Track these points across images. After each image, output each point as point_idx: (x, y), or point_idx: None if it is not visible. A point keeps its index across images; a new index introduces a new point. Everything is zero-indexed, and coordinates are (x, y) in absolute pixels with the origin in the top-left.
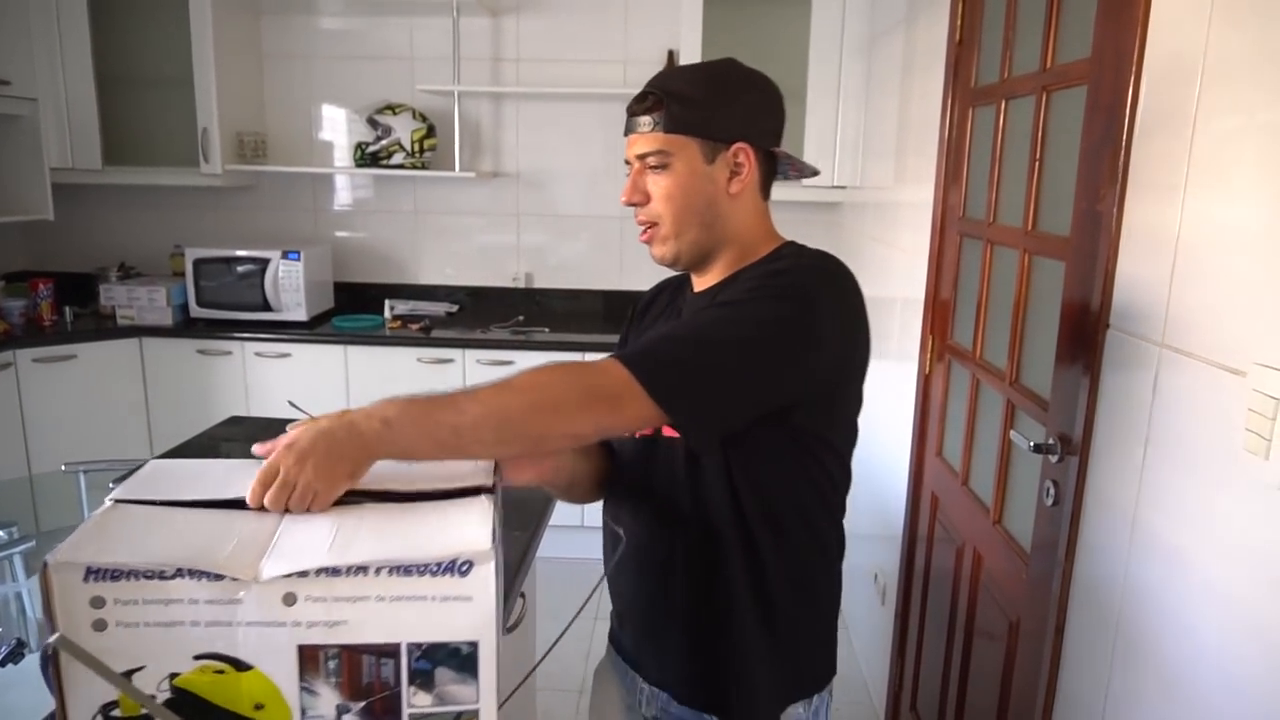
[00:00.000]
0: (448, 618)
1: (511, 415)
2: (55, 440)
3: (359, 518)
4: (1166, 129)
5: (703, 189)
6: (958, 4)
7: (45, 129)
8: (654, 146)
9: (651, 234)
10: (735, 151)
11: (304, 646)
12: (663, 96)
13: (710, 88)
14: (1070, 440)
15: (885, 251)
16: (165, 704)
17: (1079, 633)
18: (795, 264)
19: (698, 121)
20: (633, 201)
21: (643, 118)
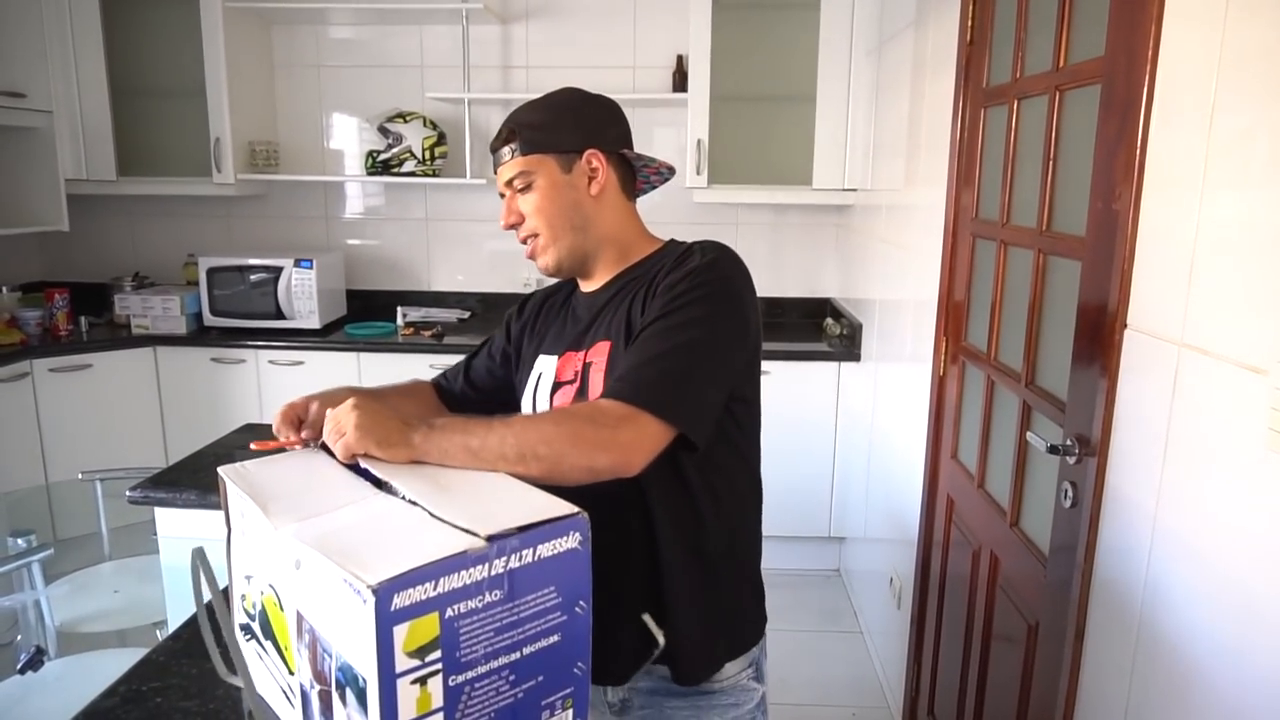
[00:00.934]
0: (352, 640)
1: (535, 435)
2: (71, 449)
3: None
4: (1183, 126)
5: (566, 196)
6: (968, 5)
7: (60, 141)
8: (516, 170)
9: (534, 246)
10: (587, 158)
11: (300, 613)
12: (515, 127)
13: (552, 110)
14: (1088, 441)
15: (897, 253)
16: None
17: (1100, 636)
18: (706, 260)
19: (547, 140)
20: (510, 224)
21: (503, 149)
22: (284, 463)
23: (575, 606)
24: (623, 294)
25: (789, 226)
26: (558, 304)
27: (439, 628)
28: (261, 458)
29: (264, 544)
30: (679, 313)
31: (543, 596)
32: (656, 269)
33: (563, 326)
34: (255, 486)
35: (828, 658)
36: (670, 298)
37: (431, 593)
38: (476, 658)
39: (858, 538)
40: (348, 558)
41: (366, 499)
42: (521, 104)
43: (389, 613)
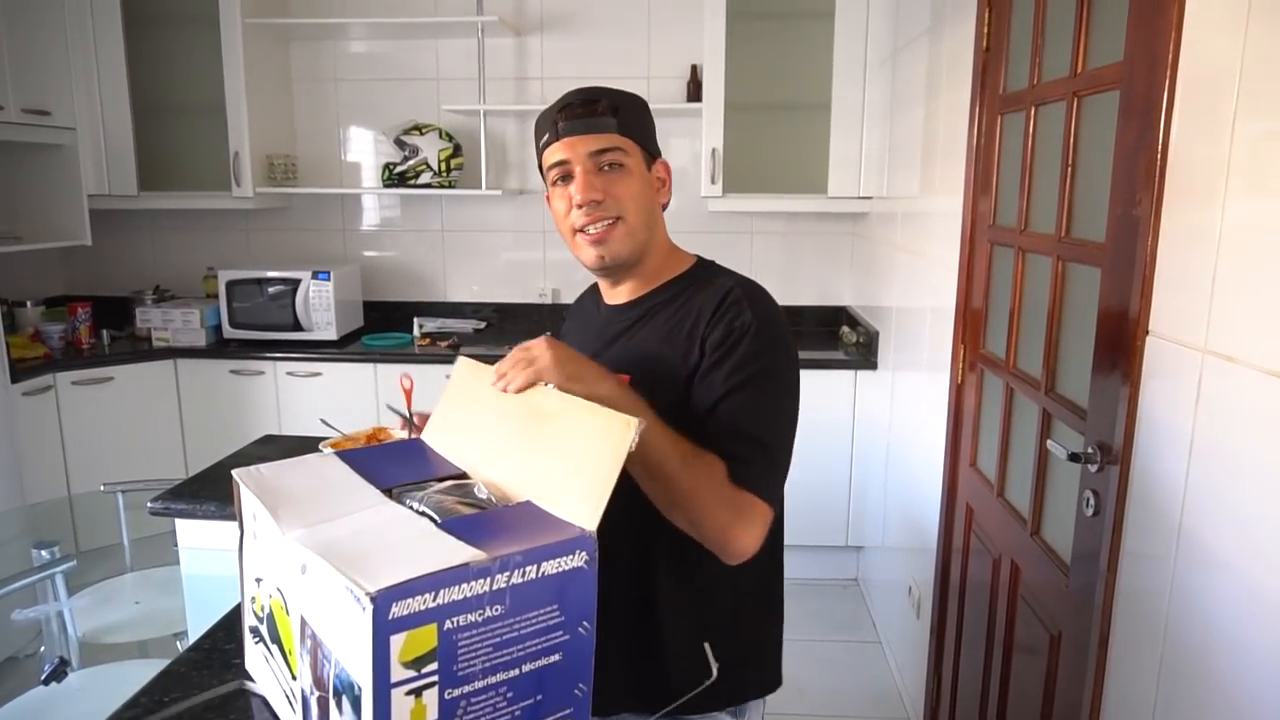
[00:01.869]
0: (350, 647)
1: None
2: (94, 461)
3: (410, 522)
4: (1205, 132)
5: (650, 193)
6: (985, 11)
7: (83, 157)
8: (612, 144)
9: (609, 231)
10: (661, 165)
11: (304, 617)
12: (618, 104)
13: (642, 105)
14: (1110, 449)
15: (914, 261)
16: (267, 617)
17: (1124, 646)
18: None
19: (643, 132)
20: (591, 199)
21: (600, 118)
22: (298, 468)
23: (579, 626)
24: (650, 318)
25: (804, 235)
26: (586, 314)
27: (437, 639)
28: (276, 462)
29: (273, 547)
30: (758, 386)
31: (545, 614)
32: (695, 303)
33: (583, 342)
34: (267, 490)
35: (846, 667)
36: (740, 364)
37: (431, 604)
38: (474, 672)
39: (875, 546)
40: (350, 564)
41: (376, 507)
42: (594, 86)
43: (386, 621)
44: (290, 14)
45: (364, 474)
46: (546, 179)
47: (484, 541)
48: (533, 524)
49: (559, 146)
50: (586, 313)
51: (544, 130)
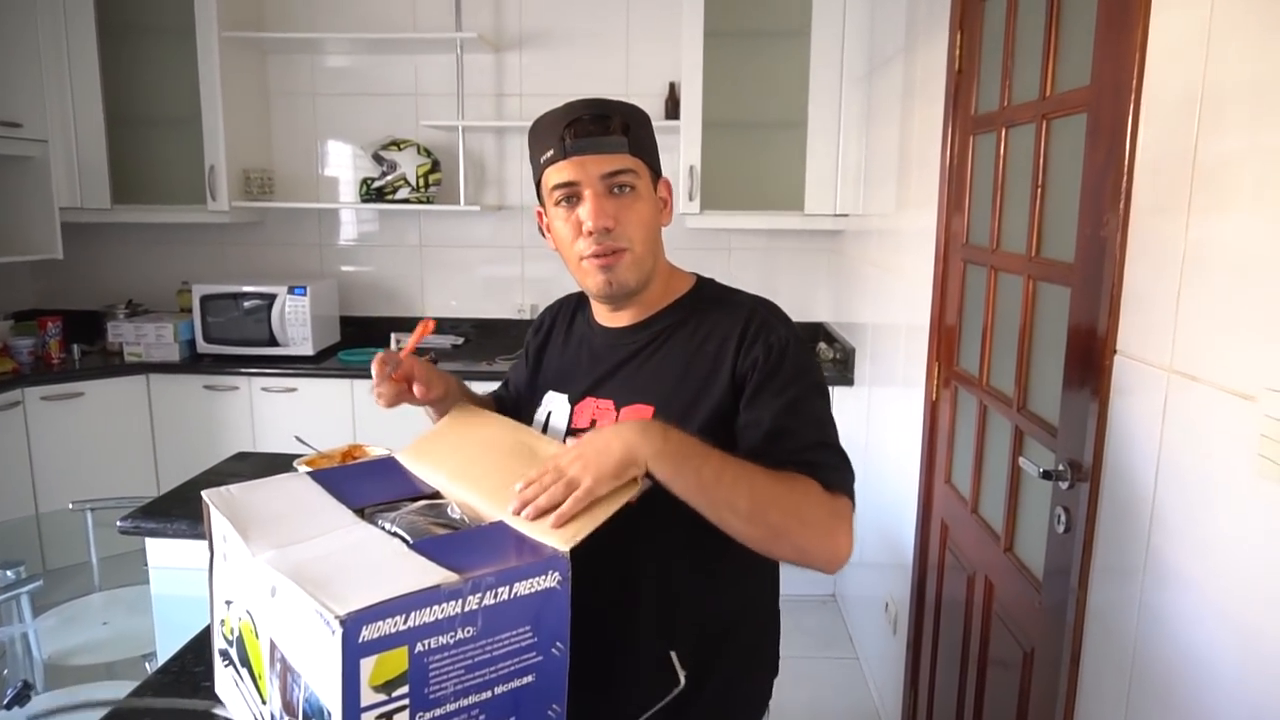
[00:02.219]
0: (320, 670)
1: (768, 496)
2: (62, 478)
3: (381, 544)
4: (1168, 155)
5: (656, 216)
6: (956, 33)
7: (55, 169)
8: (625, 165)
9: (617, 259)
10: (663, 184)
11: (273, 641)
12: (629, 121)
13: (646, 120)
14: (1080, 466)
15: (889, 278)
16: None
17: (1095, 662)
18: (791, 332)
19: (650, 151)
20: (606, 225)
21: (612, 136)
22: (269, 488)
23: (552, 647)
24: (664, 341)
25: (781, 251)
26: (570, 331)
27: (408, 662)
28: (247, 482)
29: (243, 569)
30: (811, 393)
31: (518, 635)
32: (712, 327)
33: (575, 362)
34: (237, 511)
35: (823, 684)
36: (793, 375)
37: (401, 626)
38: (446, 695)
39: (853, 562)
40: (320, 587)
41: (347, 528)
42: (598, 97)
43: (356, 645)
44: (268, 28)
45: (336, 493)
46: (546, 197)
47: (456, 562)
48: (505, 545)
49: (566, 166)
50: (577, 332)
51: (546, 144)
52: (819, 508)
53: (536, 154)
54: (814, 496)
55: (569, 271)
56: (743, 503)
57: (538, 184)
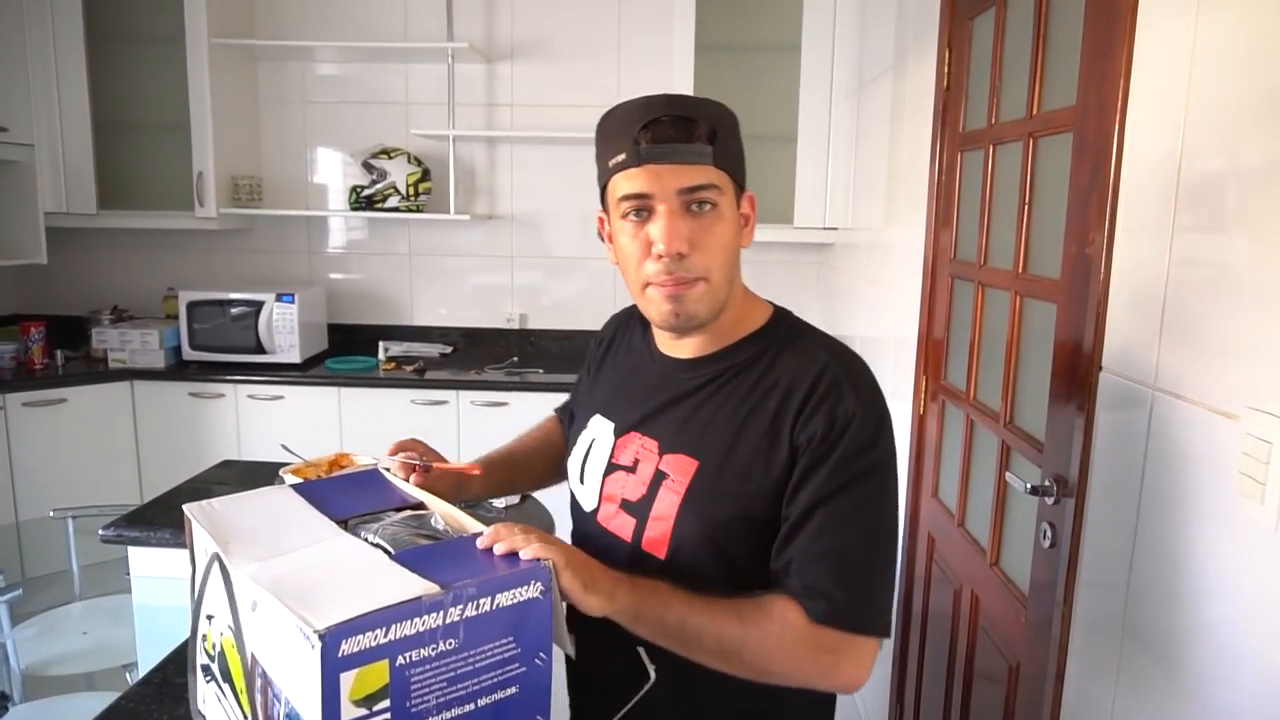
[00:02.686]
0: (299, 685)
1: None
2: (44, 485)
3: (362, 556)
4: (1153, 174)
5: (737, 239)
6: (945, 51)
7: (41, 174)
8: (708, 180)
9: (689, 289)
10: (747, 200)
11: (254, 655)
12: (714, 125)
13: (734, 125)
14: (1066, 482)
15: (877, 292)
16: (219, 655)
17: (1080, 678)
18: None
19: (736, 160)
20: (680, 250)
21: (694, 145)
22: (251, 501)
23: (535, 658)
24: (722, 385)
25: (771, 264)
26: (631, 352)
27: (389, 675)
28: (229, 495)
29: (224, 583)
30: (856, 497)
31: (500, 646)
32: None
33: (628, 387)
34: (219, 525)
35: None
36: (835, 468)
37: (382, 639)
38: (428, 708)
39: None
40: (300, 601)
41: (329, 540)
42: (681, 94)
43: (336, 659)
44: (258, 35)
45: (319, 505)
46: (611, 205)
47: (437, 574)
48: (487, 555)
49: (639, 174)
50: (636, 352)
51: (617, 145)
52: (797, 647)
53: (605, 154)
54: (790, 635)
55: (630, 292)
56: (710, 646)
57: (603, 188)
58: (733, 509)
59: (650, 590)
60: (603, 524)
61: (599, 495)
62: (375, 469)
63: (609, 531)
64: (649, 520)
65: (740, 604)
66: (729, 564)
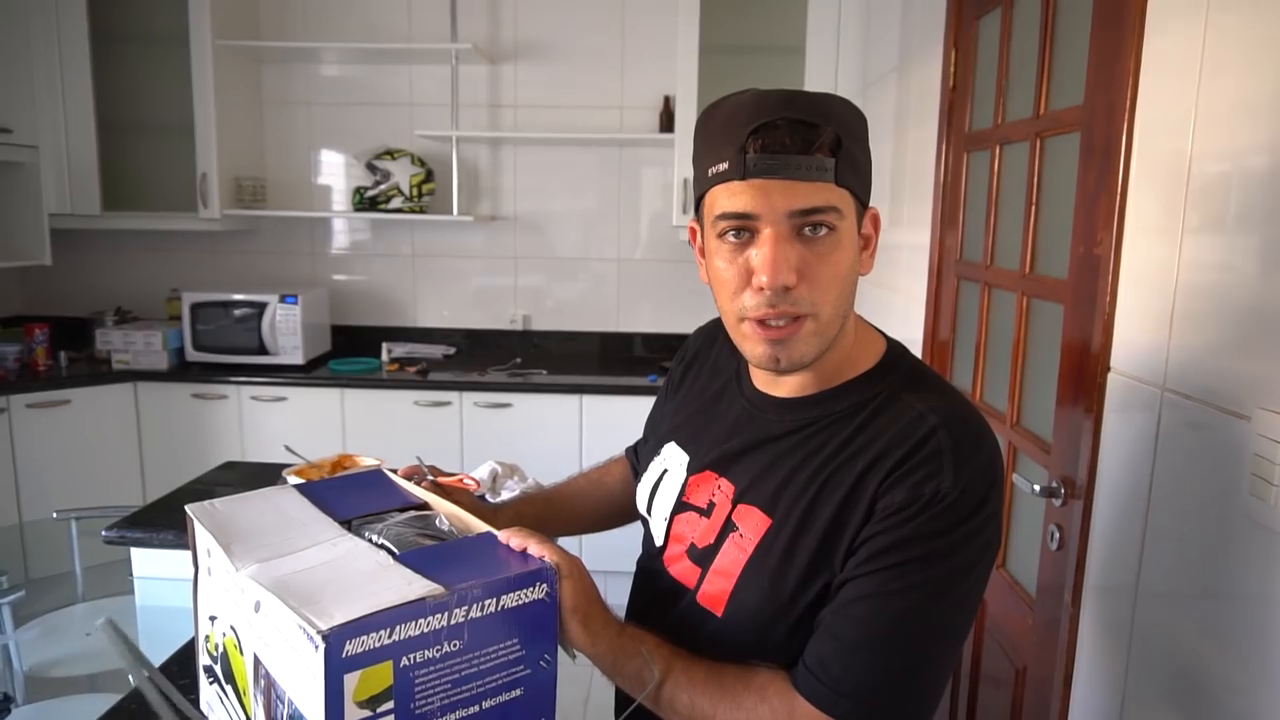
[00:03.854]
0: (303, 686)
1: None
2: (47, 487)
3: (366, 556)
4: (1161, 174)
5: (855, 267)
6: (951, 51)
7: (45, 175)
8: (828, 202)
9: (797, 329)
10: (869, 219)
11: (257, 656)
12: (840, 128)
13: (861, 130)
14: (1074, 483)
15: (882, 293)
16: (221, 656)
17: (1087, 681)
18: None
19: (860, 173)
20: (786, 283)
21: (813, 158)
22: (253, 502)
23: (540, 660)
24: (813, 436)
25: None
26: (720, 378)
27: (393, 677)
28: (231, 495)
29: (226, 584)
30: (916, 594)
31: (505, 648)
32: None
33: (710, 418)
34: (221, 525)
35: None
36: (903, 550)
37: (386, 640)
38: (432, 709)
39: None
40: (303, 602)
41: (333, 540)
42: (797, 90)
43: (339, 660)
44: (262, 36)
45: (323, 506)
46: (707, 221)
47: (442, 575)
48: (492, 556)
49: (744, 190)
50: (723, 378)
51: (719, 151)
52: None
53: (704, 159)
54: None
55: (723, 320)
56: (682, 713)
57: (699, 197)
58: (800, 577)
59: (635, 642)
60: (668, 566)
61: (666, 534)
62: (379, 469)
63: (674, 577)
64: (709, 573)
65: (725, 672)
66: (791, 632)
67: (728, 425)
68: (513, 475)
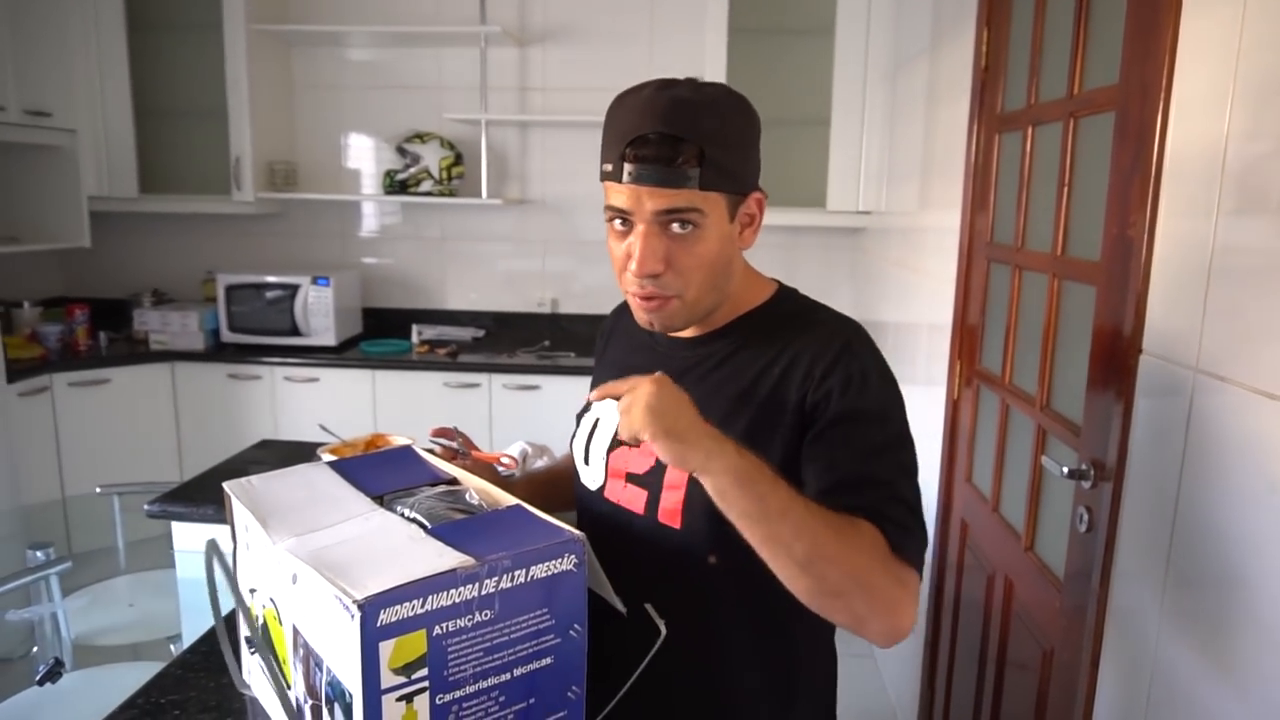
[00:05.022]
0: (340, 654)
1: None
2: (89, 463)
3: (399, 529)
4: (1198, 155)
5: (725, 250)
6: (983, 31)
7: (84, 159)
8: (688, 203)
9: (665, 304)
10: (752, 202)
11: (295, 627)
12: (705, 146)
13: (739, 132)
14: (1104, 466)
15: (911, 277)
16: (261, 627)
17: (1115, 665)
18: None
19: (733, 175)
20: (652, 271)
21: (678, 170)
22: (288, 478)
23: (570, 630)
24: (730, 357)
25: (803, 248)
26: (638, 336)
27: (426, 645)
28: (268, 473)
29: (264, 558)
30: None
31: (535, 618)
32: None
33: (630, 366)
34: (257, 501)
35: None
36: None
37: (419, 610)
38: (465, 677)
39: None
40: (338, 573)
41: (366, 515)
42: (680, 98)
43: (375, 628)
44: (293, 21)
45: (355, 482)
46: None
47: (473, 547)
48: (522, 528)
49: (623, 190)
50: (638, 336)
51: (609, 152)
52: (885, 574)
53: (602, 152)
54: (880, 560)
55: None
56: (801, 547)
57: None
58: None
59: (760, 464)
60: (611, 499)
61: (604, 472)
62: (409, 446)
63: (619, 506)
64: (663, 490)
65: (828, 512)
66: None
67: (649, 369)
68: (542, 455)
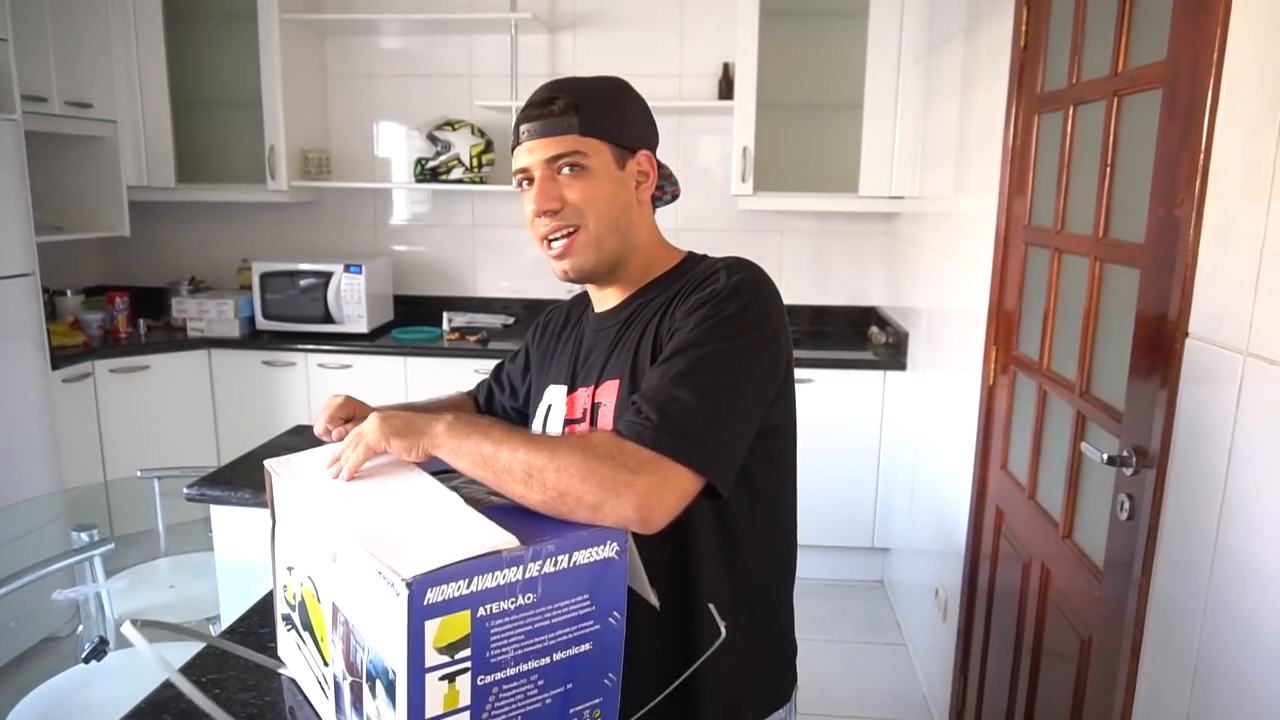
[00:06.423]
0: (384, 633)
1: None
2: (129, 447)
3: (440, 504)
4: (1250, 132)
5: (620, 194)
6: (1022, 9)
7: (123, 149)
8: (570, 147)
9: (571, 242)
10: (642, 158)
11: (335, 604)
12: (579, 100)
13: (615, 95)
14: (1146, 452)
15: (945, 262)
16: (299, 605)
17: (1157, 655)
18: (732, 282)
19: (611, 126)
20: (549, 208)
21: (558, 118)
22: (328, 456)
23: (609, 617)
24: (635, 320)
25: (834, 234)
26: (569, 325)
27: (470, 626)
28: (308, 450)
29: (304, 535)
30: (706, 344)
31: (576, 603)
32: (675, 291)
33: (574, 354)
34: (299, 478)
35: (870, 669)
36: (694, 324)
37: (464, 590)
38: (506, 659)
39: (902, 549)
40: (383, 550)
41: (408, 495)
42: (568, 76)
43: (421, 607)
44: (326, 10)
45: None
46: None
47: (516, 530)
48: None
49: (522, 151)
50: (572, 323)
51: (515, 130)
52: (609, 463)
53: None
54: (605, 453)
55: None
56: (520, 469)
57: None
58: None
59: (474, 426)
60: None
61: None
62: None
63: None
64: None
65: (549, 437)
66: None
67: (584, 350)
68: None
